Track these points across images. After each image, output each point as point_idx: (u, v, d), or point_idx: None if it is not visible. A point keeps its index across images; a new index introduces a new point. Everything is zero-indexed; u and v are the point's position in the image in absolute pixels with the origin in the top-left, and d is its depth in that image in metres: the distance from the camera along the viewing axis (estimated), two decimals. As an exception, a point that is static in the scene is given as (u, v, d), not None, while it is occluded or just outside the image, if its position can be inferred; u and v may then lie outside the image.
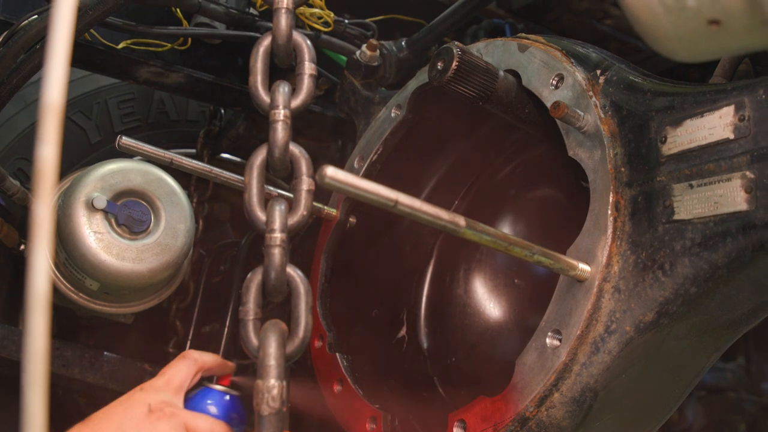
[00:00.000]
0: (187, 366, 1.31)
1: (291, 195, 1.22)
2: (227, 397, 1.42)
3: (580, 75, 1.20)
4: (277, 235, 1.10)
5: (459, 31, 2.18)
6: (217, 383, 1.43)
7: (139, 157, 1.75)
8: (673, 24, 0.74)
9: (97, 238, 1.56)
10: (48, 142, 0.51)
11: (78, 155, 2.05)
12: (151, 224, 1.63)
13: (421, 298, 1.67)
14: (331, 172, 0.85)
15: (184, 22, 1.82)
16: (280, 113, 1.18)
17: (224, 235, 2.23)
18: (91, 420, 1.16)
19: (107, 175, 1.62)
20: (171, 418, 1.18)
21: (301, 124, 1.37)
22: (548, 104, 1.19)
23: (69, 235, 1.56)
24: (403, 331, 1.63)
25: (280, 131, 1.17)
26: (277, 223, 1.12)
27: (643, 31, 0.79)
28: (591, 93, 1.17)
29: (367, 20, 1.94)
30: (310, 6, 1.80)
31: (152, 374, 1.78)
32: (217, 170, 1.40)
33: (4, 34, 1.54)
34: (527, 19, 2.26)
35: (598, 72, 1.19)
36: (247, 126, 2.01)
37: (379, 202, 0.89)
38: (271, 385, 0.92)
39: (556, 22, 2.25)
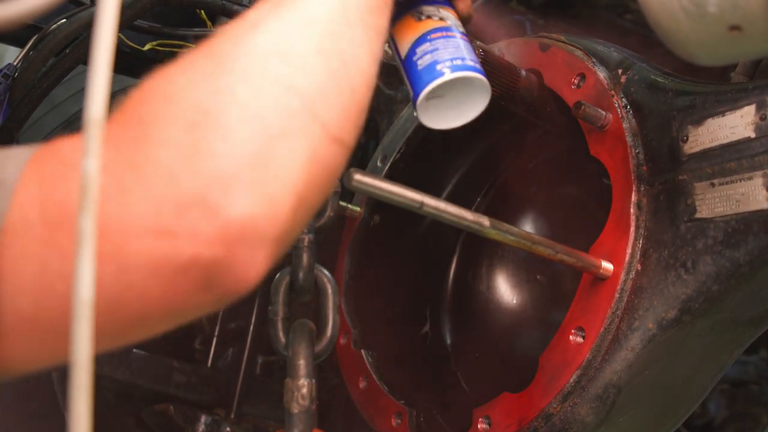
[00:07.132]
0: None
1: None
2: None
3: (601, 74, 1.21)
4: (305, 236, 1.12)
5: (479, 28, 2.18)
6: None
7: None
8: (694, 29, 0.75)
9: (125, 238, 1.59)
10: (92, 155, 0.53)
11: (104, 156, 2.08)
12: (178, 224, 1.65)
13: (444, 295, 1.68)
14: (358, 176, 0.87)
15: (208, 23, 1.84)
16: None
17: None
18: None
19: (135, 175, 1.64)
20: None
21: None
22: (570, 103, 1.20)
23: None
24: (426, 327, 1.64)
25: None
26: (305, 224, 1.14)
27: (664, 36, 0.80)
28: (612, 92, 1.18)
29: (389, 19, 1.95)
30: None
31: (180, 370, 1.81)
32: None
33: (34, 38, 1.56)
34: (547, 15, 2.25)
35: (620, 71, 1.20)
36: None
37: (405, 203, 0.91)
38: (301, 384, 0.95)
39: (576, 18, 2.25)
